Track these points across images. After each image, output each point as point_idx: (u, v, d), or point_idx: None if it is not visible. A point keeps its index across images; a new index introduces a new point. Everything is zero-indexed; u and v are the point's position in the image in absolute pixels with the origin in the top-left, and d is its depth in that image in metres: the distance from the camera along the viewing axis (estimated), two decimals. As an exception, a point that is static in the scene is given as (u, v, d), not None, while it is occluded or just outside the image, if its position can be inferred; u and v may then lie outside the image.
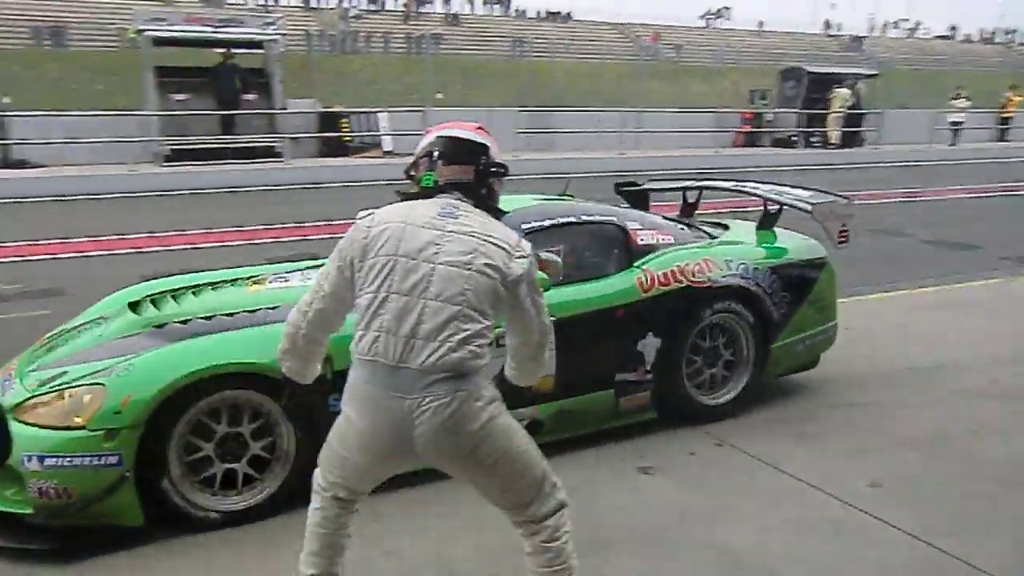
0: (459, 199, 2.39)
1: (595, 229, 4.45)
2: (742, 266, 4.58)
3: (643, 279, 4.31)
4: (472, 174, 2.40)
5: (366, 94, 19.73)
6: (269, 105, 16.44)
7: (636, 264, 4.39)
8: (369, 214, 2.39)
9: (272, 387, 3.30)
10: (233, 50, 16.11)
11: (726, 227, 5.34)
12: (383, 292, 2.27)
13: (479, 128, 2.48)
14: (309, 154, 16.87)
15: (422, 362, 2.24)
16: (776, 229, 5.23)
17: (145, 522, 3.30)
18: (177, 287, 4.41)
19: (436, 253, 2.27)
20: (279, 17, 17.98)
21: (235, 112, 15.92)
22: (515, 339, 2.53)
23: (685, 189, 5.79)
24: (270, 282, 4.44)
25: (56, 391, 3.31)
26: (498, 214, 2.45)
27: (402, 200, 2.44)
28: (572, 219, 4.38)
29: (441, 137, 2.43)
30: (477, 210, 2.39)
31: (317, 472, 2.56)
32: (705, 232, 5.11)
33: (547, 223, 4.29)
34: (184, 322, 3.82)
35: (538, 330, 2.48)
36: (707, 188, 5.69)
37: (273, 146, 16.09)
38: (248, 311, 3.92)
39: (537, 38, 31.76)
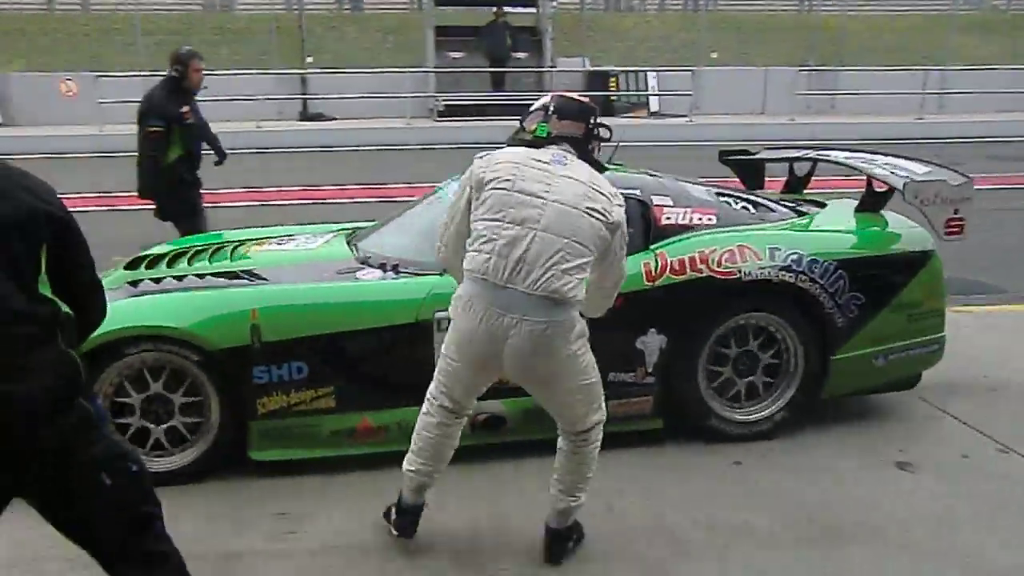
0: (567, 151, 2.68)
1: None
2: (792, 257, 3.74)
3: (652, 265, 3.66)
4: (582, 130, 2.72)
5: (637, 52, 19.29)
6: (539, 63, 16.68)
7: (652, 248, 3.74)
8: (486, 155, 2.71)
9: (193, 352, 3.33)
10: (507, 9, 16.52)
11: (823, 206, 4.48)
12: (497, 221, 2.56)
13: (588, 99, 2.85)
14: (576, 113, 16.86)
15: (527, 285, 2.52)
16: (888, 213, 4.25)
17: None
18: (196, 246, 4.35)
19: (548, 191, 2.56)
20: (555, -25, 18.08)
21: (504, 70, 16.33)
22: (595, 277, 2.74)
23: (792, 160, 4.91)
24: (269, 245, 4.31)
25: None
26: (600, 168, 2.76)
27: (513, 146, 2.76)
28: None
29: (557, 96, 2.81)
30: (582, 162, 2.69)
31: (432, 384, 2.88)
32: (796, 212, 4.30)
33: None
34: (157, 280, 3.77)
35: (617, 274, 2.80)
36: (820, 160, 4.74)
37: (541, 104, 16.26)
38: (215, 273, 3.83)
39: (831, -10, 29.33)
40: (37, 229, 1.78)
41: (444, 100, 16.09)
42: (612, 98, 17.00)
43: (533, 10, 17.15)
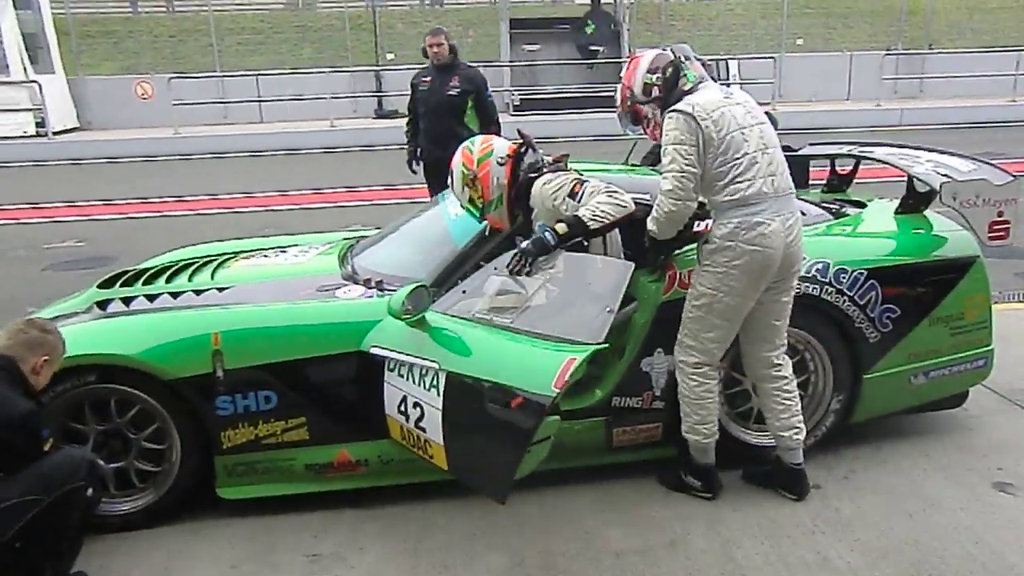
0: None
1: None
2: (817, 266, 3.39)
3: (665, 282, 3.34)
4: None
5: (720, 41, 18.84)
6: (617, 54, 16.41)
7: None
8: None
9: (141, 383, 3.06)
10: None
11: (864, 206, 4.10)
12: None
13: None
14: (652, 104, 16.59)
15: None
16: (932, 215, 3.83)
17: None
18: (183, 260, 4.09)
19: None
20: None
21: (578, 61, 16.09)
22: None
23: (834, 157, 4.52)
24: (256, 259, 4.07)
25: None
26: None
27: None
28: None
29: None
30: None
31: None
32: (833, 215, 3.94)
33: None
34: (127, 300, 3.50)
35: None
36: (862, 157, 4.33)
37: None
38: (195, 291, 3.56)
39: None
40: None
41: (520, 94, 16.01)
42: (691, 88, 16.65)
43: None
